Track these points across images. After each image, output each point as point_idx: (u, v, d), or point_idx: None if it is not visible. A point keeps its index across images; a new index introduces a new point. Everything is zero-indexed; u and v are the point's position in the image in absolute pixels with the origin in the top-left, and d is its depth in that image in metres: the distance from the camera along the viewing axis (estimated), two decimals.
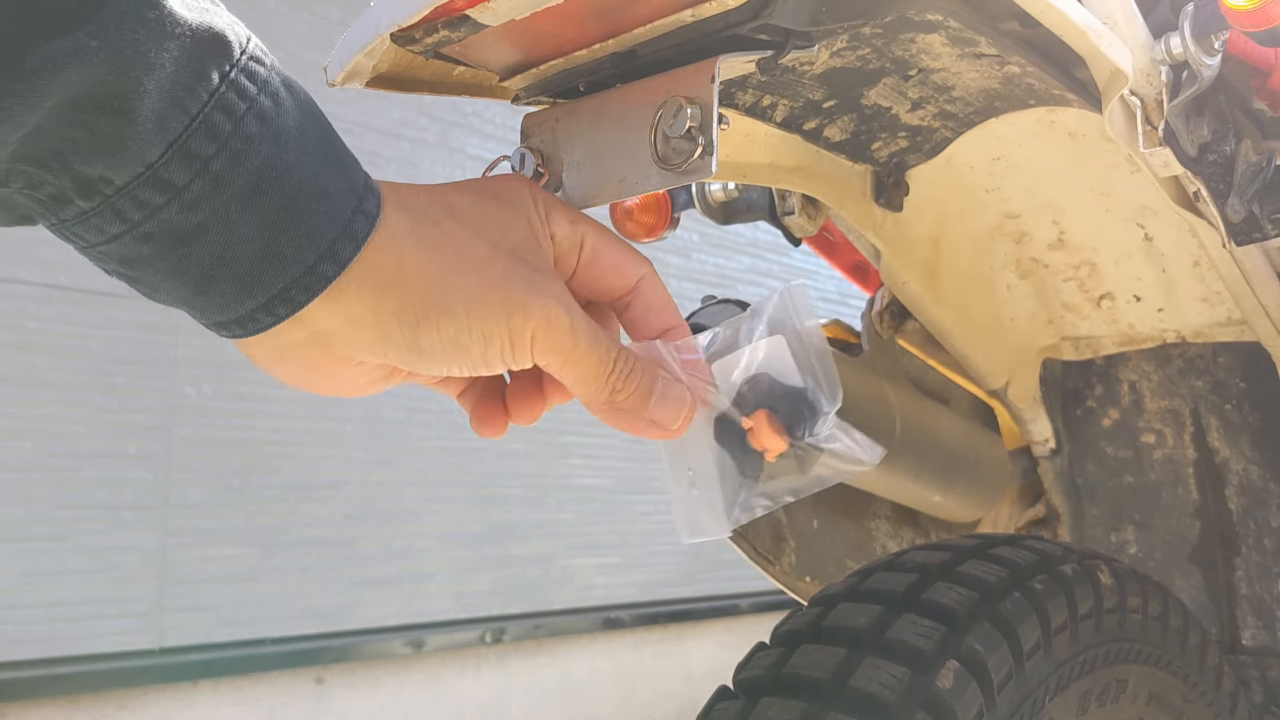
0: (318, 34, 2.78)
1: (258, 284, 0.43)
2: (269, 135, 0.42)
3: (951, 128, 0.80)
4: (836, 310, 4.36)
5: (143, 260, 0.42)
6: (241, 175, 0.41)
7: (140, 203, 0.40)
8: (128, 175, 0.40)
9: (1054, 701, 0.72)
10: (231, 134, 0.41)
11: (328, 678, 2.78)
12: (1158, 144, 0.66)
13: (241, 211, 0.42)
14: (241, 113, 0.41)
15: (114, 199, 0.40)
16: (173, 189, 0.40)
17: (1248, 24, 0.60)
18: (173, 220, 0.41)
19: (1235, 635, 1.10)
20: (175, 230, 0.41)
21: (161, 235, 0.41)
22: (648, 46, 0.54)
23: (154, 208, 0.41)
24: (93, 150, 0.39)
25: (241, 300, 0.44)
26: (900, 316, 1.05)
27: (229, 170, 0.41)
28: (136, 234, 0.41)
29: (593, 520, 3.43)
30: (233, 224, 0.42)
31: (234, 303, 0.44)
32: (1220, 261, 0.86)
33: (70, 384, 2.36)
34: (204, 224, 0.41)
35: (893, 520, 1.17)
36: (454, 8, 0.51)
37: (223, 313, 0.44)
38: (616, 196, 0.55)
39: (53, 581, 2.32)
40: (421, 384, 0.54)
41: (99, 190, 0.40)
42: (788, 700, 0.68)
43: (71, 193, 0.40)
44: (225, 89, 0.41)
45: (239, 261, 0.43)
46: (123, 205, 0.40)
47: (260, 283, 0.43)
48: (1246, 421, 1.09)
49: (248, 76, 0.42)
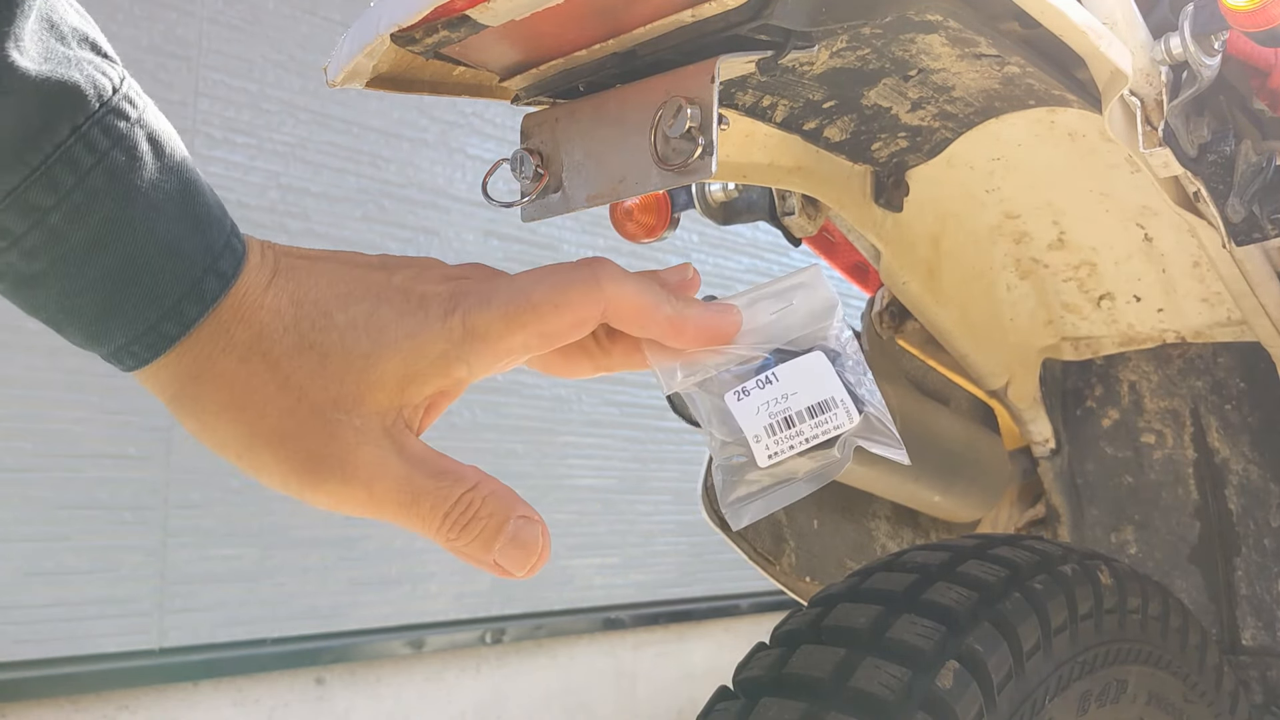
0: (319, 35, 2.78)
1: (100, 336, 0.43)
2: (116, 191, 0.41)
3: (951, 128, 0.80)
4: None
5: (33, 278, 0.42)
6: (81, 230, 0.41)
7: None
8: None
9: (1054, 702, 0.72)
10: (74, 188, 0.40)
11: (328, 678, 2.78)
12: (1158, 144, 0.66)
13: (80, 265, 0.41)
14: (88, 167, 0.40)
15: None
16: (10, 237, 0.40)
17: (1248, 24, 0.60)
18: (15, 265, 0.41)
19: (1235, 635, 1.10)
20: (19, 274, 0.41)
21: (8, 277, 0.41)
22: (648, 47, 0.54)
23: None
24: None
25: (92, 346, 0.44)
26: (900, 316, 1.05)
27: (67, 224, 0.40)
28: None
29: (593, 520, 3.43)
30: (71, 276, 0.41)
31: (88, 344, 0.44)
32: (1220, 261, 0.86)
33: (70, 384, 2.36)
34: (44, 273, 0.41)
35: (893, 520, 1.17)
36: (454, 8, 0.51)
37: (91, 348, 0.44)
38: (616, 197, 0.55)
39: (53, 581, 2.32)
40: None
41: None
42: (788, 700, 0.68)
43: None
44: (74, 142, 0.40)
45: (80, 312, 0.42)
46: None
47: (102, 335, 0.43)
48: (1246, 421, 1.09)
49: (103, 130, 0.41)
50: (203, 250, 0.43)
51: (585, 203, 0.56)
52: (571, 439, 3.36)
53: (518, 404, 3.18)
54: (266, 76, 2.67)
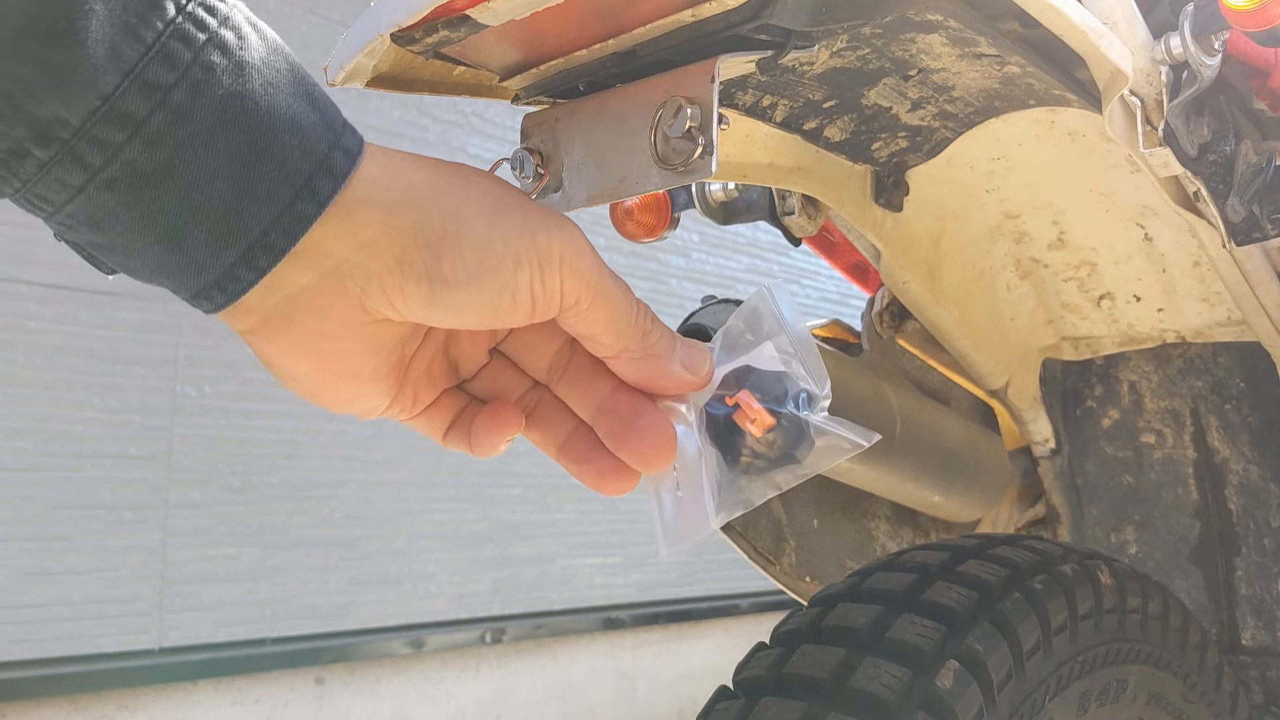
0: (319, 34, 2.78)
1: (233, 229, 0.40)
2: (231, 66, 0.40)
3: (951, 128, 0.80)
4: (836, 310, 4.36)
5: (110, 216, 0.40)
6: (205, 106, 0.39)
7: (100, 143, 0.38)
8: (84, 111, 0.37)
9: (1054, 701, 0.72)
10: (191, 63, 0.39)
11: (328, 678, 2.78)
12: (1158, 144, 0.66)
13: (208, 146, 0.39)
14: (201, 42, 0.39)
15: (72, 143, 0.38)
16: (133, 123, 0.38)
17: (1248, 24, 0.60)
18: (136, 160, 0.38)
19: (1235, 635, 1.10)
20: (140, 171, 0.39)
21: (126, 180, 0.39)
22: (648, 46, 0.54)
23: (115, 147, 0.38)
24: (44, 85, 0.37)
25: (218, 252, 0.41)
26: (900, 316, 1.05)
27: (191, 101, 0.39)
28: (99, 181, 0.39)
29: (593, 520, 3.43)
30: (199, 160, 0.39)
31: (210, 257, 0.41)
32: (1220, 261, 0.86)
33: (71, 384, 2.36)
34: (169, 162, 0.39)
35: (893, 520, 1.17)
36: (454, 8, 0.51)
37: (200, 273, 0.41)
38: (616, 196, 0.55)
39: (53, 581, 2.32)
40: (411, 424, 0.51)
41: (55, 134, 0.37)
42: (788, 700, 0.68)
43: (28, 142, 0.37)
44: (182, 19, 0.39)
45: (210, 202, 0.40)
46: (82, 149, 0.38)
47: (236, 227, 0.40)
48: (1246, 421, 1.09)
49: (206, 9, 0.40)
50: (324, 127, 0.42)
51: (585, 202, 0.56)
52: None
53: None
54: None
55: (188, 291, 0.42)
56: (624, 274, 3.53)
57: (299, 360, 0.45)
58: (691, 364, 0.50)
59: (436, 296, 0.43)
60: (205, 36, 0.39)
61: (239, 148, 0.40)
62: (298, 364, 0.45)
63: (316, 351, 0.45)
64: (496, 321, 0.46)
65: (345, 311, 0.44)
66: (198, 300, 0.43)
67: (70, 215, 0.40)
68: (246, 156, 0.40)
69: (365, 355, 0.46)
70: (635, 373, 0.50)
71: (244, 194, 0.40)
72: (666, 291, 3.69)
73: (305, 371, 0.45)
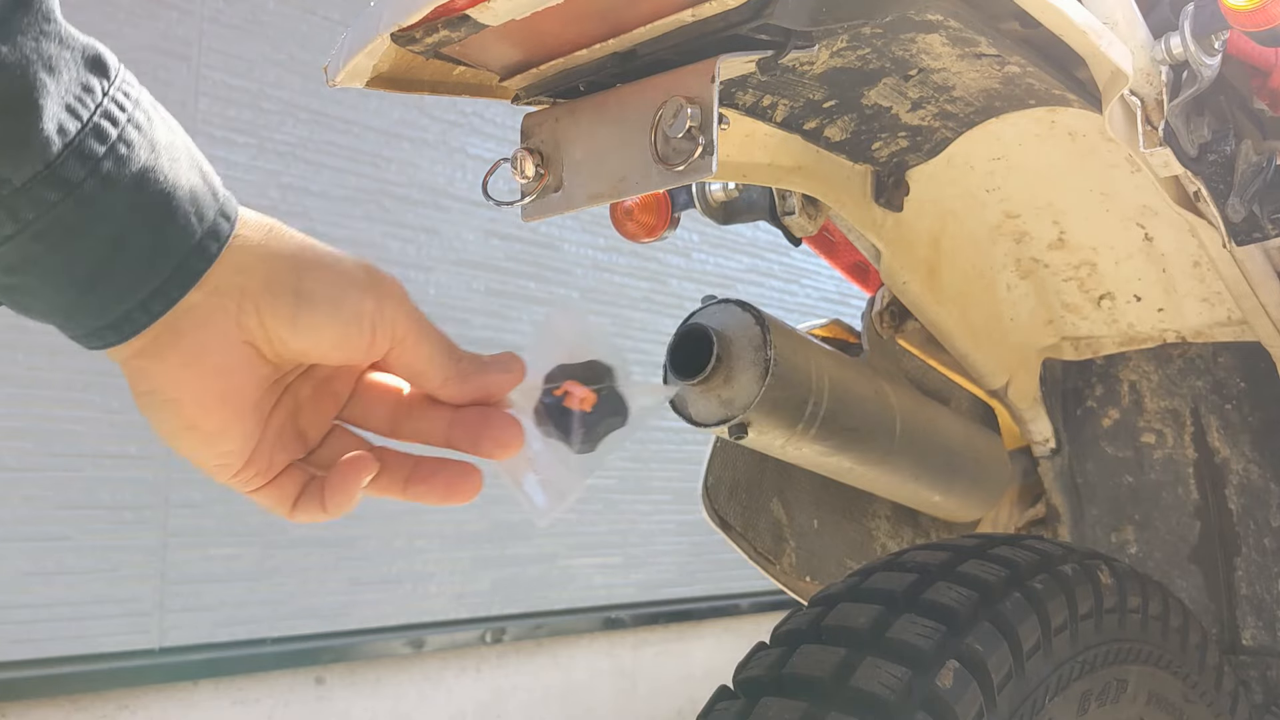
0: (319, 34, 2.78)
1: (139, 280, 0.47)
2: (145, 143, 0.47)
3: (952, 128, 0.80)
4: (836, 310, 4.36)
5: (29, 263, 0.45)
6: (126, 176, 0.46)
7: (36, 201, 0.44)
8: (28, 173, 0.43)
9: (1054, 701, 0.72)
10: (116, 139, 0.46)
11: (328, 678, 2.78)
12: (1158, 144, 0.66)
13: (128, 208, 0.46)
14: (123, 122, 0.46)
15: (9, 199, 0.43)
16: (68, 186, 0.44)
17: (1248, 24, 0.60)
18: (65, 217, 0.45)
19: (1235, 635, 1.10)
20: (67, 226, 0.45)
21: (53, 233, 0.45)
22: (648, 46, 0.54)
23: (48, 205, 0.44)
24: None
25: (124, 296, 0.47)
26: (900, 316, 1.05)
27: (116, 170, 0.46)
28: (29, 233, 0.44)
29: (593, 520, 3.43)
30: (118, 220, 0.46)
31: (116, 302, 0.47)
32: (1220, 261, 0.86)
33: (70, 384, 2.36)
34: (94, 219, 0.45)
35: (893, 520, 1.17)
36: (454, 8, 0.51)
37: (102, 315, 0.48)
38: (616, 196, 0.55)
39: (53, 581, 2.32)
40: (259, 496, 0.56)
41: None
42: (788, 700, 0.68)
43: None
44: (108, 101, 0.46)
45: (123, 256, 0.47)
46: (18, 204, 0.44)
47: (141, 278, 0.47)
48: (1246, 421, 1.09)
49: (124, 94, 0.47)
50: (212, 196, 0.50)
51: (585, 202, 0.56)
52: None
53: None
54: (266, 76, 2.67)
55: (82, 330, 0.49)
56: (624, 274, 3.50)
57: (181, 375, 0.50)
58: (505, 367, 0.57)
59: (300, 314, 0.51)
60: (126, 117, 0.46)
61: (149, 213, 0.47)
62: (179, 380, 0.51)
63: (198, 366, 0.50)
64: (345, 347, 0.52)
65: (224, 326, 0.50)
66: (89, 339, 0.49)
67: None
68: (155, 220, 0.47)
69: (238, 374, 0.52)
70: (463, 393, 0.56)
71: (154, 250, 0.47)
72: (666, 291, 3.69)
73: (184, 390, 0.51)
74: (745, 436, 0.86)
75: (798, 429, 0.87)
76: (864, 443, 0.94)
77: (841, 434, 0.92)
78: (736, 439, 0.86)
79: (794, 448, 0.89)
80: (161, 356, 0.50)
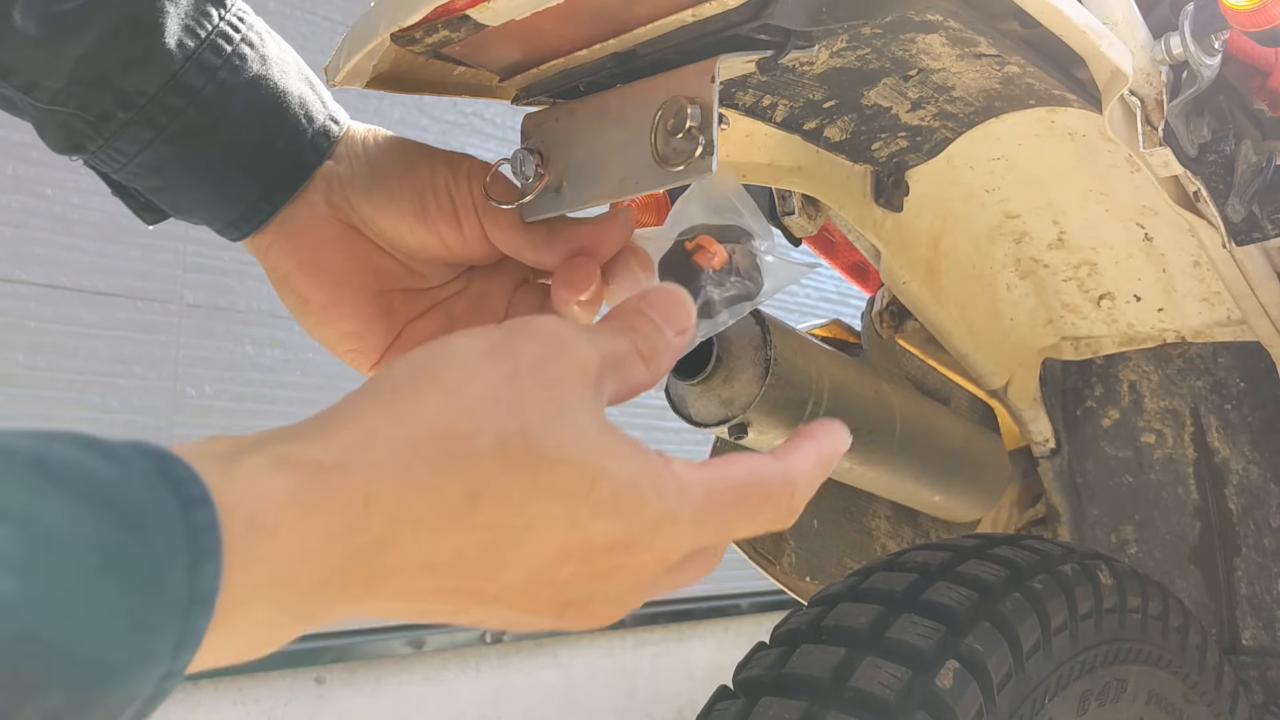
0: (319, 35, 2.78)
1: (258, 173, 0.55)
2: (256, 57, 0.56)
3: (951, 128, 0.80)
4: (836, 310, 4.35)
5: (169, 163, 0.54)
6: (240, 83, 0.55)
7: (167, 108, 0.53)
8: (157, 84, 0.53)
9: (1054, 701, 0.72)
10: (231, 53, 0.55)
11: (328, 678, 2.78)
12: (1158, 144, 0.66)
13: (244, 108, 0.55)
14: (236, 40, 0.55)
15: (147, 107, 0.53)
16: (191, 92, 0.53)
17: (1248, 24, 0.60)
18: (192, 121, 0.54)
19: (1235, 635, 1.10)
20: (194, 129, 0.54)
21: (183, 136, 0.54)
22: (648, 46, 0.54)
23: (176, 111, 0.53)
24: (130, 66, 0.52)
25: (247, 188, 0.55)
26: (900, 316, 1.05)
27: (232, 78, 0.55)
28: (164, 136, 0.54)
29: None
30: (236, 122, 0.54)
31: (241, 193, 0.55)
32: (1220, 261, 0.86)
33: (71, 384, 2.36)
34: (215, 122, 0.54)
35: (893, 520, 1.17)
36: (454, 8, 0.51)
37: (234, 206, 0.56)
38: (616, 196, 0.55)
39: None
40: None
41: (135, 101, 0.53)
42: (788, 700, 0.68)
43: (114, 107, 0.53)
44: (223, 24, 0.55)
45: (243, 153, 0.55)
46: (153, 112, 0.53)
47: (260, 172, 0.55)
48: (1246, 421, 1.09)
49: (239, 18, 0.56)
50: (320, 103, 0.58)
51: (585, 202, 0.56)
52: None
53: None
54: None
55: (221, 222, 0.57)
56: None
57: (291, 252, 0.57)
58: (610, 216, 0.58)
59: (374, 185, 0.57)
60: (240, 36, 0.56)
61: (262, 114, 0.56)
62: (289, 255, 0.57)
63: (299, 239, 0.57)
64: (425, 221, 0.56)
65: (321, 206, 0.57)
66: (228, 230, 0.57)
67: (139, 164, 0.55)
68: (268, 120, 0.56)
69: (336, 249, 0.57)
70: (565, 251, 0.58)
71: (266, 147, 0.56)
72: None
73: (291, 262, 0.57)
74: (745, 436, 0.86)
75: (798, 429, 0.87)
76: (864, 443, 0.94)
77: None
78: (736, 439, 0.86)
79: None
80: (282, 239, 0.57)
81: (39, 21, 0.50)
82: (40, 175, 2.31)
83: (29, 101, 0.53)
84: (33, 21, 0.50)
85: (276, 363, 2.70)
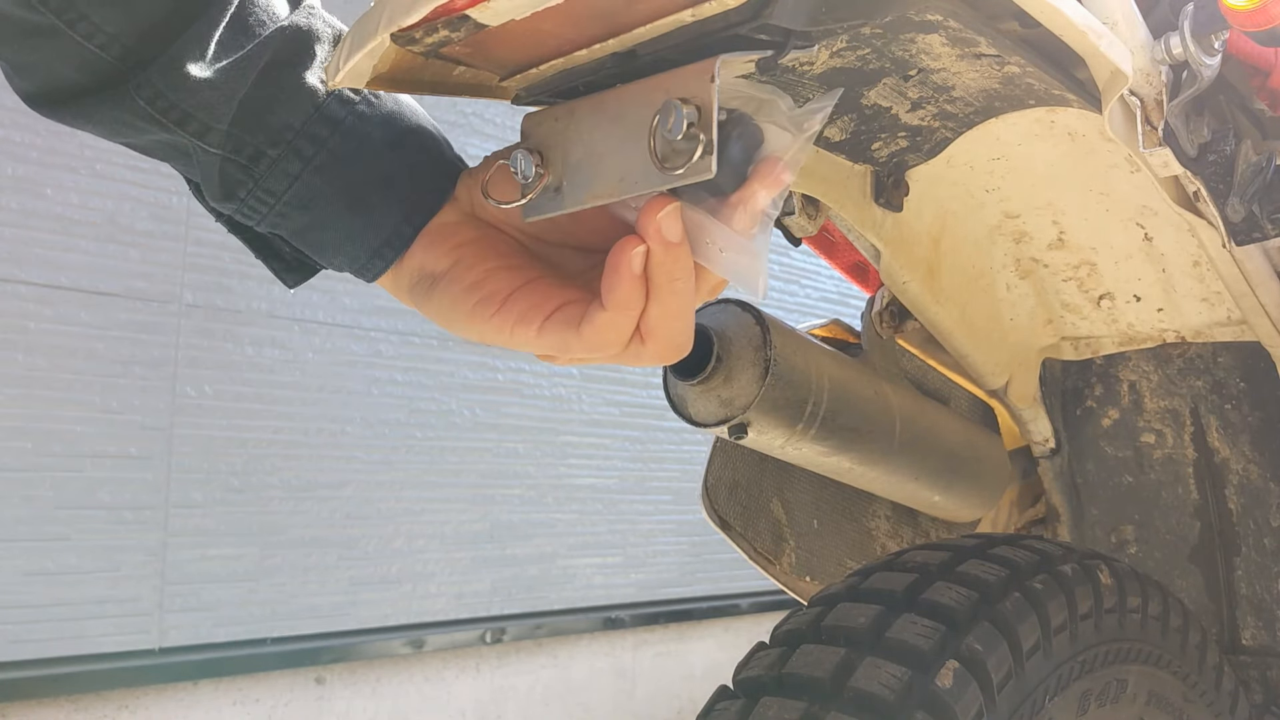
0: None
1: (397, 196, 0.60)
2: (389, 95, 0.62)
3: (951, 128, 0.80)
4: (836, 310, 4.36)
5: (317, 196, 0.58)
6: (377, 114, 0.61)
7: (313, 138, 0.58)
8: (303, 117, 0.57)
9: (1054, 701, 0.72)
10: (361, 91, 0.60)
11: (328, 678, 2.78)
12: (1158, 144, 0.66)
13: (383, 133, 0.60)
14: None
15: (294, 140, 0.57)
16: (334, 123, 0.58)
17: (1248, 24, 0.60)
18: (336, 149, 0.58)
19: (1235, 635, 1.10)
20: (338, 157, 0.58)
21: (329, 166, 0.58)
22: (647, 46, 0.54)
23: (322, 140, 0.58)
24: (277, 103, 0.57)
25: (389, 211, 0.60)
26: (900, 316, 1.05)
27: (369, 110, 0.60)
28: (311, 167, 0.58)
29: (593, 520, 3.43)
30: (377, 143, 0.60)
31: (384, 216, 0.60)
32: (1220, 261, 0.86)
33: (71, 384, 2.36)
34: (356, 149, 0.59)
35: (893, 520, 1.17)
36: (454, 8, 0.51)
37: (378, 231, 0.60)
38: (616, 196, 0.55)
39: (53, 581, 2.32)
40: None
41: (283, 136, 0.57)
42: (788, 700, 0.68)
43: (265, 145, 0.57)
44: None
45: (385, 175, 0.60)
46: (300, 144, 0.57)
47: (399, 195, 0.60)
48: (1246, 421, 1.09)
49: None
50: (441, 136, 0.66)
51: (585, 202, 0.56)
52: (571, 439, 3.36)
53: (518, 404, 3.18)
54: None
55: (365, 251, 0.61)
56: None
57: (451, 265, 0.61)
58: None
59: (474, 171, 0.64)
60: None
61: (401, 136, 0.62)
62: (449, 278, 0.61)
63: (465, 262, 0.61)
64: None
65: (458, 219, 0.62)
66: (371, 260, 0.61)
67: (287, 202, 0.59)
68: (399, 150, 0.61)
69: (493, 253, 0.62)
70: None
71: (410, 172, 0.61)
72: None
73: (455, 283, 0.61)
74: (745, 436, 0.86)
75: (798, 429, 0.87)
76: (864, 443, 0.94)
77: (841, 434, 0.92)
78: (736, 439, 0.86)
79: (794, 448, 0.89)
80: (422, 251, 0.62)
81: (215, 69, 0.55)
82: (40, 175, 2.31)
83: (201, 147, 0.56)
84: (210, 69, 0.54)
85: (276, 363, 2.70)
